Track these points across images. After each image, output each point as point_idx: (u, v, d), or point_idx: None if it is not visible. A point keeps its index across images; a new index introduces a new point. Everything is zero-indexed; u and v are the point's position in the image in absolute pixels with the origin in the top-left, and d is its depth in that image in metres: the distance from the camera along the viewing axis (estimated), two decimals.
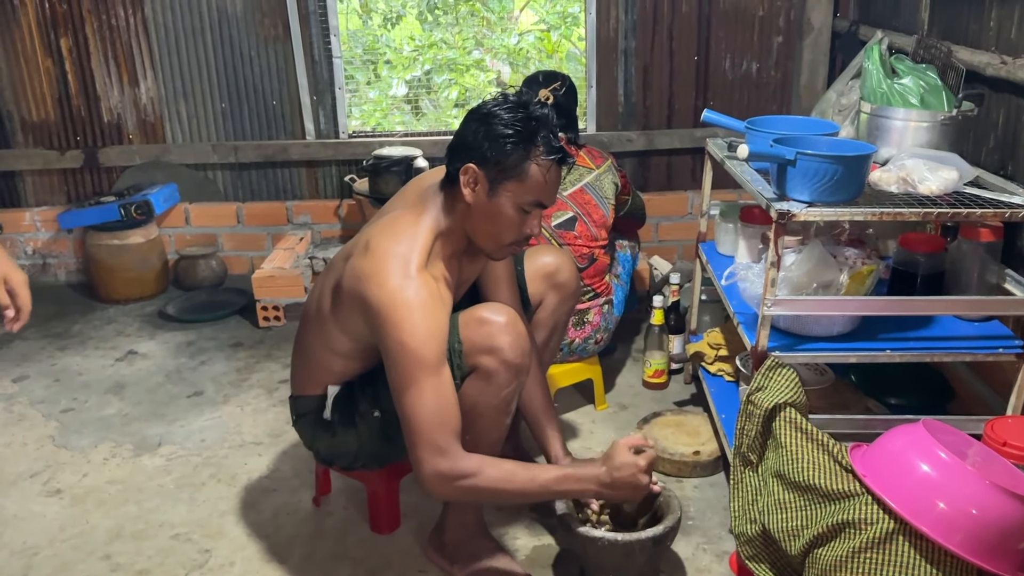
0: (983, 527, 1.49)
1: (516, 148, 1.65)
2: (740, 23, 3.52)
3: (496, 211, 1.69)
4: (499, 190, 1.67)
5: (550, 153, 1.67)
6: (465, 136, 1.69)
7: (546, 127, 1.68)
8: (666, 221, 3.72)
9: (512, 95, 1.72)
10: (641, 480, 1.73)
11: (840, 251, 2.05)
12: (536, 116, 1.67)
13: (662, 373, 2.70)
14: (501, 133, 1.64)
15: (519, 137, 1.65)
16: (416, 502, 2.14)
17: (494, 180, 1.67)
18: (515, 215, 1.70)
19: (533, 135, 1.65)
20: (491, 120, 1.66)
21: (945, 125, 2.06)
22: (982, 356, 1.92)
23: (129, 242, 3.52)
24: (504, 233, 1.73)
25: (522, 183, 1.67)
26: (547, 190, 1.70)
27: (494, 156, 1.65)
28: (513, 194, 1.68)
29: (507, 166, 1.65)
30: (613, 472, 1.72)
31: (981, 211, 1.79)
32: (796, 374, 1.81)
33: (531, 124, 1.66)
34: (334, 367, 1.87)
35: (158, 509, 2.20)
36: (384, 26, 4.90)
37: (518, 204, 1.69)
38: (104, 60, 3.54)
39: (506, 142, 1.64)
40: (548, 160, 1.67)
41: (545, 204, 1.72)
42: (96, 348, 3.14)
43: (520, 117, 1.66)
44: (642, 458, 1.74)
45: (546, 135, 1.67)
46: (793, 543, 1.67)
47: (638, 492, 1.76)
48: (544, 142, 1.66)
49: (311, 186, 3.74)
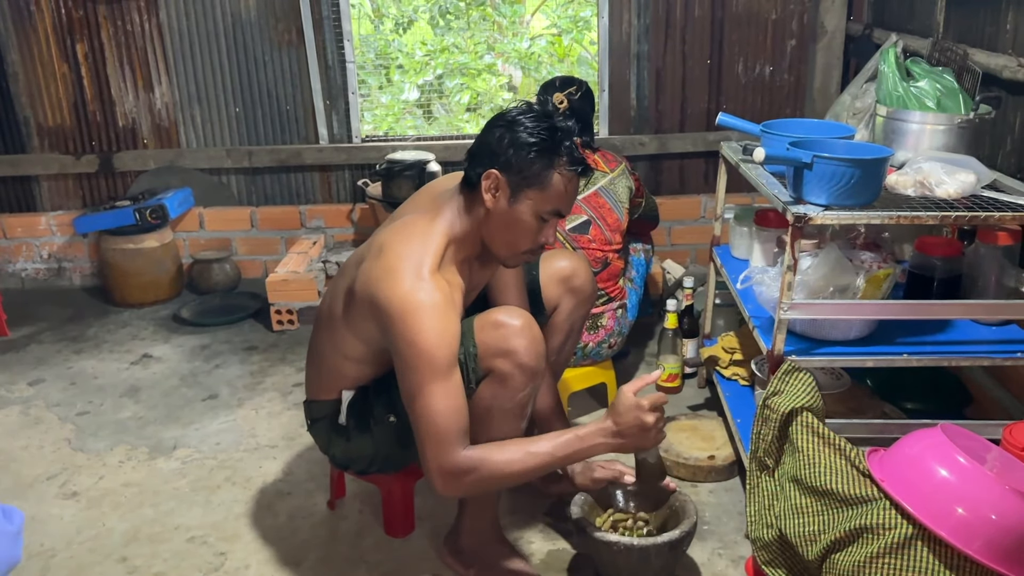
0: (1003, 532, 1.47)
1: (540, 157, 1.66)
2: (753, 27, 3.51)
3: (515, 218, 1.70)
4: (520, 197, 1.69)
5: (573, 163, 1.69)
6: (488, 141, 1.70)
7: (570, 138, 1.70)
8: (679, 225, 3.72)
9: (536, 104, 1.74)
10: (647, 420, 1.67)
11: (856, 255, 2.04)
12: (560, 127, 1.69)
13: (676, 377, 2.70)
14: (526, 141, 1.66)
15: (544, 146, 1.66)
16: (431, 505, 2.14)
17: (516, 187, 1.68)
18: (534, 223, 1.71)
19: (558, 145, 1.67)
20: (516, 127, 1.67)
21: (962, 128, 2.04)
22: (1000, 360, 1.90)
23: (144, 246, 3.54)
24: (521, 240, 1.74)
25: (543, 192, 1.68)
26: (567, 200, 1.72)
27: (518, 163, 1.66)
28: (534, 202, 1.69)
29: (530, 174, 1.67)
30: (617, 419, 1.68)
31: (999, 214, 1.78)
32: (813, 378, 1.80)
33: (556, 134, 1.68)
34: (347, 372, 1.88)
35: (174, 512, 2.21)
36: (396, 31, 4.92)
37: (538, 212, 1.70)
38: (119, 65, 3.56)
39: (531, 150, 1.66)
40: (571, 170, 1.69)
41: (564, 214, 1.74)
42: (111, 352, 3.15)
43: (545, 127, 1.67)
44: (645, 399, 1.68)
45: (570, 145, 1.69)
46: (810, 548, 1.66)
47: (647, 435, 1.69)
48: (568, 152, 1.68)
49: (324, 190, 3.75)
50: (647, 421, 1.68)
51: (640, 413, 1.67)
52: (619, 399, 1.70)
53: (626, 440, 1.70)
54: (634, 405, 1.68)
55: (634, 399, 1.68)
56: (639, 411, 1.67)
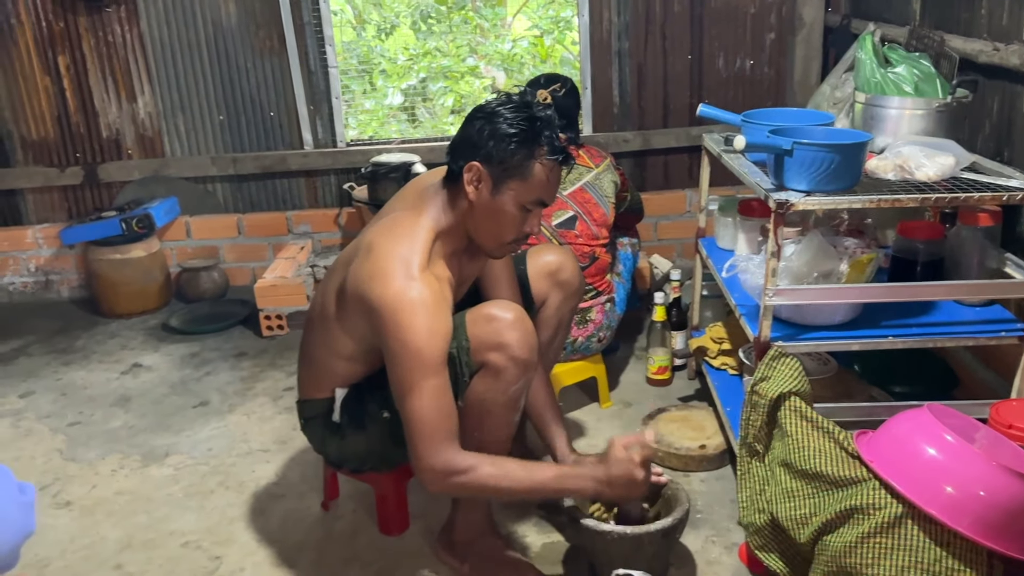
0: (991, 508, 1.49)
1: (521, 147, 1.67)
2: (732, 21, 3.54)
3: (499, 209, 1.71)
4: (502, 188, 1.70)
5: (554, 153, 1.70)
6: (469, 134, 1.71)
7: (550, 127, 1.70)
8: (665, 220, 3.74)
9: (515, 96, 1.75)
10: (637, 475, 1.74)
11: (839, 241, 2.05)
12: (539, 116, 1.70)
13: (665, 369, 2.71)
14: (506, 132, 1.67)
15: (524, 136, 1.67)
16: (425, 503, 2.14)
17: (498, 178, 1.69)
18: (517, 213, 1.72)
19: (537, 135, 1.68)
20: (495, 119, 1.68)
21: (940, 112, 2.07)
22: (984, 340, 1.92)
23: (131, 256, 3.53)
24: (505, 231, 1.75)
25: (525, 182, 1.69)
26: (549, 189, 1.73)
27: (498, 155, 1.67)
28: (516, 192, 1.70)
29: (511, 165, 1.68)
30: (610, 470, 1.74)
31: (979, 195, 1.80)
32: (800, 363, 1.81)
33: (535, 124, 1.68)
34: (339, 370, 1.88)
35: (167, 518, 2.20)
36: (378, 36, 4.93)
37: (520, 202, 1.71)
38: (102, 76, 3.56)
39: (511, 141, 1.66)
40: (551, 159, 1.70)
41: (547, 203, 1.75)
42: (101, 362, 3.15)
43: (524, 117, 1.68)
44: (637, 454, 1.75)
45: (550, 135, 1.70)
46: (802, 531, 1.67)
47: (635, 489, 1.77)
48: (548, 142, 1.69)
49: (310, 195, 3.75)
50: (636, 476, 1.75)
51: (631, 467, 1.75)
52: (613, 452, 1.77)
53: (614, 490, 1.77)
54: (627, 459, 1.75)
55: (627, 454, 1.75)
56: (630, 465, 1.75)
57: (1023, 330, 1.89)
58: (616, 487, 1.75)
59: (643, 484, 1.77)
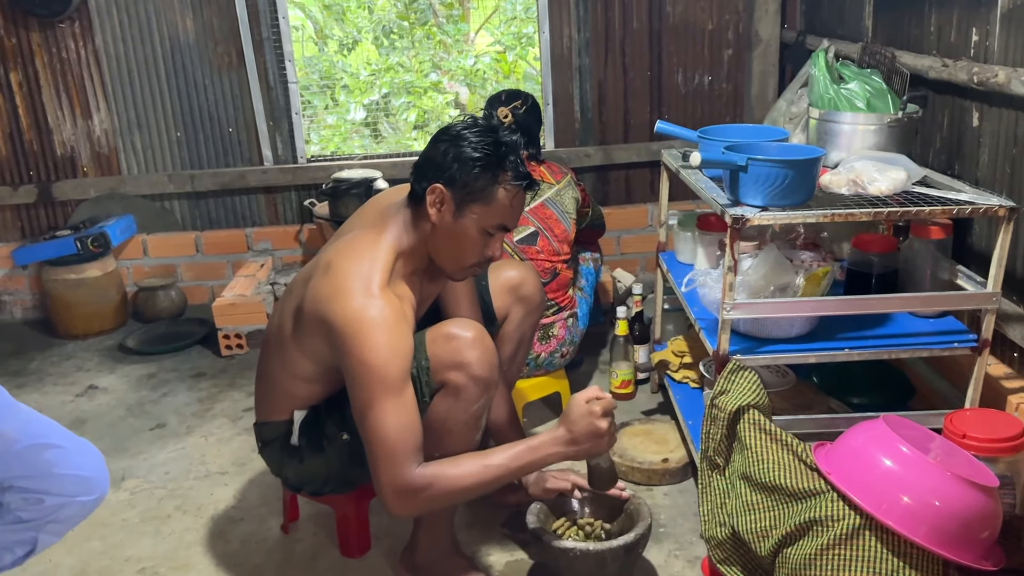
0: (947, 518, 1.51)
1: (484, 172, 1.67)
2: (690, 37, 3.58)
3: (460, 232, 1.71)
4: (465, 212, 1.69)
5: (517, 178, 1.69)
6: (434, 156, 1.70)
7: (514, 152, 1.70)
8: (627, 234, 3.76)
9: (481, 120, 1.75)
10: (600, 426, 1.68)
11: (796, 255, 2.08)
12: (505, 141, 1.69)
13: (628, 383, 2.71)
14: (470, 156, 1.66)
15: (488, 161, 1.66)
16: (387, 524, 2.11)
17: (460, 202, 1.68)
18: (479, 237, 1.72)
19: (502, 160, 1.68)
20: (460, 142, 1.67)
21: (892, 127, 2.10)
22: (938, 351, 1.96)
23: (86, 276, 3.46)
24: (467, 255, 1.74)
25: (488, 206, 1.69)
26: (512, 214, 1.73)
27: (462, 178, 1.66)
28: (479, 216, 1.69)
29: (474, 189, 1.67)
30: (571, 427, 1.69)
31: (930, 209, 1.83)
32: (758, 376, 1.83)
33: (500, 149, 1.68)
34: (298, 392, 1.85)
35: (123, 544, 2.15)
36: (340, 52, 4.91)
37: (483, 226, 1.70)
38: (56, 93, 3.50)
39: (475, 165, 1.66)
40: (515, 185, 1.69)
41: (509, 227, 1.75)
42: (55, 384, 3.08)
43: (490, 141, 1.68)
44: (597, 405, 1.69)
45: (515, 160, 1.69)
46: (762, 544, 1.68)
47: (600, 440, 1.70)
48: (512, 167, 1.69)
49: (271, 212, 3.72)
50: (600, 426, 1.69)
51: (593, 419, 1.69)
52: (571, 406, 1.71)
53: (580, 447, 1.71)
54: (587, 412, 1.69)
55: (586, 406, 1.69)
56: (592, 417, 1.69)
57: (975, 341, 1.92)
58: (581, 443, 1.69)
59: (608, 434, 1.71)
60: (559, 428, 1.71)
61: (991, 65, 2.04)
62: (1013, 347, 2.04)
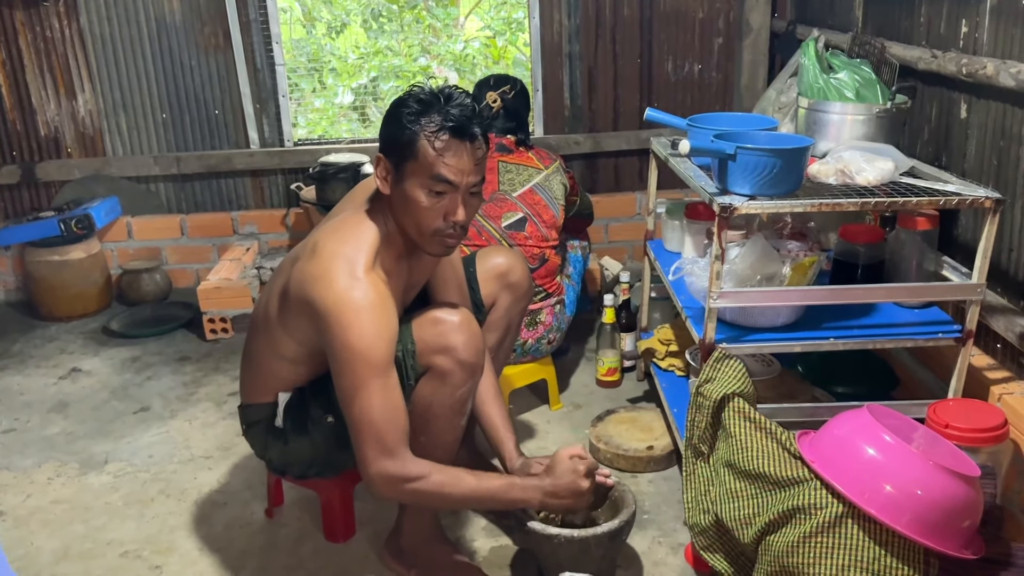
0: (929, 507, 1.52)
1: (407, 127, 1.60)
2: (681, 26, 3.57)
3: (407, 197, 1.64)
4: (403, 175, 1.63)
5: (442, 124, 1.59)
6: (380, 130, 1.69)
7: (446, 102, 1.61)
8: (615, 222, 3.75)
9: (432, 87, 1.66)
10: (581, 486, 1.74)
11: (783, 244, 2.08)
12: (438, 94, 1.62)
13: (615, 371, 2.72)
14: (396, 115, 1.62)
15: (411, 116, 1.61)
16: (372, 509, 2.11)
17: (396, 165, 1.64)
18: (425, 198, 1.63)
19: (424, 114, 1.60)
20: (395, 107, 1.64)
21: (880, 118, 2.10)
22: (922, 341, 1.96)
23: (70, 258, 3.43)
24: (423, 220, 1.66)
25: (417, 161, 1.61)
26: (446, 165, 1.60)
27: (390, 140, 1.64)
28: (414, 174, 1.62)
29: (401, 146, 1.62)
30: (555, 481, 1.74)
31: (917, 199, 1.83)
32: (743, 365, 1.83)
33: (424, 103, 1.61)
34: (283, 374, 1.85)
35: (106, 527, 2.14)
36: (328, 35, 4.87)
37: (423, 185, 1.62)
38: (39, 73, 3.46)
39: (399, 123, 1.61)
40: (437, 133, 1.59)
41: (450, 180, 1.61)
42: (38, 367, 3.05)
43: (419, 99, 1.61)
44: (581, 464, 1.75)
45: (441, 109, 1.60)
46: (746, 531, 1.68)
47: (580, 499, 1.77)
48: (436, 116, 1.59)
49: (257, 196, 3.69)
50: (582, 486, 1.75)
51: (576, 479, 1.75)
52: (556, 461, 1.77)
53: (560, 500, 1.76)
54: (571, 470, 1.75)
55: (572, 464, 1.75)
56: (575, 476, 1.75)
57: (959, 331, 1.93)
58: (562, 498, 1.75)
59: (588, 494, 1.77)
60: (544, 479, 1.75)
61: (980, 57, 2.04)
62: (997, 338, 2.05)
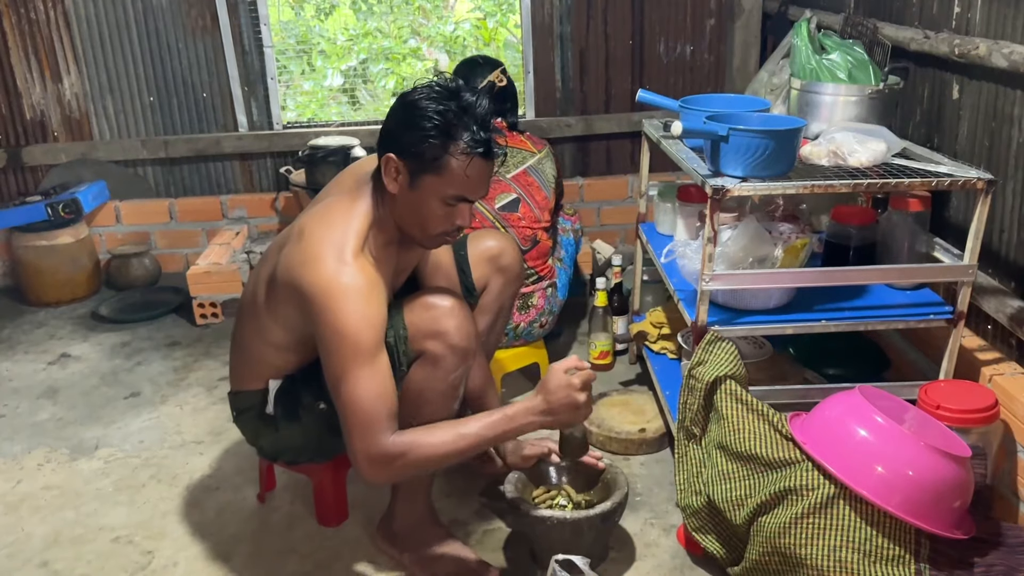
0: (920, 488, 1.53)
1: (434, 142, 1.58)
2: (673, 7, 3.55)
3: (418, 202, 1.64)
4: (419, 183, 1.62)
5: (472, 147, 1.59)
6: (389, 124, 1.65)
7: (472, 118, 1.60)
8: (607, 205, 3.74)
9: (444, 82, 1.64)
10: (578, 398, 1.65)
11: (775, 227, 2.08)
12: (463, 106, 1.60)
13: (607, 354, 2.72)
14: (419, 125, 1.58)
15: (437, 131, 1.58)
16: (364, 493, 2.11)
17: (413, 172, 1.62)
18: (438, 207, 1.64)
19: (452, 128, 1.59)
20: (413, 109, 1.60)
21: (873, 99, 2.10)
22: (914, 323, 1.97)
23: (58, 243, 3.40)
24: (429, 224, 1.67)
25: (441, 177, 1.61)
26: (469, 184, 1.63)
27: (412, 148, 1.60)
28: (433, 187, 1.62)
29: (425, 159, 1.60)
30: (548, 397, 1.65)
31: (909, 181, 1.83)
32: (735, 347, 1.83)
33: (450, 116, 1.59)
34: (272, 360, 1.83)
35: (97, 513, 2.13)
36: (317, 16, 4.82)
37: (440, 197, 1.63)
38: (24, 55, 3.41)
39: (424, 135, 1.58)
40: (468, 155, 1.59)
41: (469, 198, 1.66)
42: (27, 353, 3.03)
43: (442, 109, 1.59)
44: (576, 377, 1.66)
45: (469, 126, 1.59)
46: (738, 512, 1.69)
47: (578, 412, 1.68)
48: (466, 136, 1.59)
49: (246, 179, 3.67)
50: (578, 399, 1.65)
51: (571, 391, 1.65)
52: (550, 377, 1.67)
53: (556, 417, 1.67)
54: (565, 383, 1.65)
55: (565, 377, 1.65)
56: (570, 389, 1.65)
57: (951, 313, 1.94)
58: (558, 413, 1.66)
59: (586, 407, 1.68)
60: (536, 397, 1.67)
61: (972, 37, 2.03)
62: (988, 319, 2.05)
